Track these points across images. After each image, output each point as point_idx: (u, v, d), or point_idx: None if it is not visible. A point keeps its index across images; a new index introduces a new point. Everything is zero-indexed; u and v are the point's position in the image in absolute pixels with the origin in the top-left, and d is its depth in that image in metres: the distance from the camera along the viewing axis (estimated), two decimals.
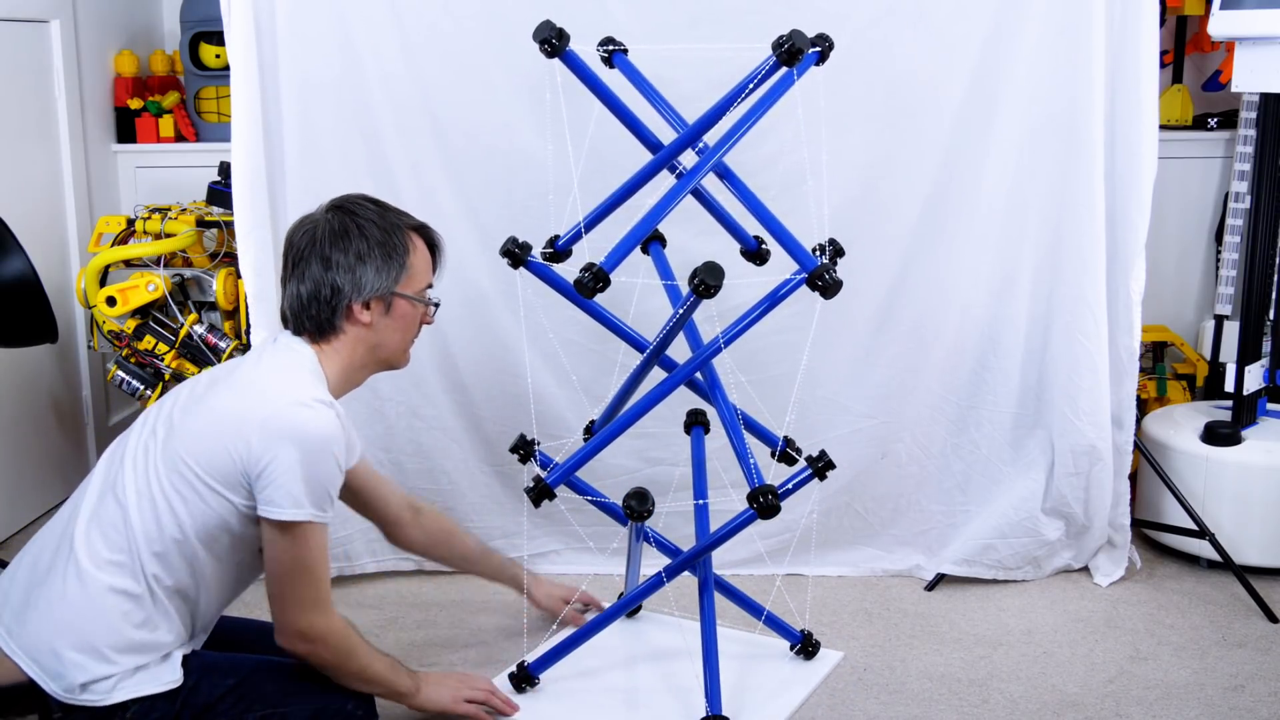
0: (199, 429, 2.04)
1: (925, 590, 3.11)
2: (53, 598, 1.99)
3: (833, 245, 2.32)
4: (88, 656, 1.96)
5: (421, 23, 2.95)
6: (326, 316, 2.14)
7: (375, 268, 2.13)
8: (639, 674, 2.63)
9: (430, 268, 2.26)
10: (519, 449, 2.65)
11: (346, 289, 2.12)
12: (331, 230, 2.13)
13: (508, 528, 3.20)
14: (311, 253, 2.13)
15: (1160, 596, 3.06)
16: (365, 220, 2.15)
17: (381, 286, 2.14)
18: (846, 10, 2.89)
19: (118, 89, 3.93)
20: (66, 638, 1.96)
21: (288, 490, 2.00)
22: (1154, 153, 2.92)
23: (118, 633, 1.98)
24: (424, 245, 2.24)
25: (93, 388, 3.81)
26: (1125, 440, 3.08)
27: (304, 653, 2.11)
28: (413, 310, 2.21)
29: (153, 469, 2.03)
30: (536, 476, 2.49)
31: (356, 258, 2.12)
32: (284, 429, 2.00)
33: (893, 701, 2.57)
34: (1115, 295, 3.01)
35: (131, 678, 1.99)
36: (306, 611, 2.09)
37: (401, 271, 2.16)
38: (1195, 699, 2.57)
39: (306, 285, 2.13)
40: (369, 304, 2.14)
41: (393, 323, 2.18)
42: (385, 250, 2.14)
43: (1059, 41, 2.90)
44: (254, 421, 2.00)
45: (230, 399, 2.06)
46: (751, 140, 2.86)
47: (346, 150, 3.00)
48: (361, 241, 2.13)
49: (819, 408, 3.07)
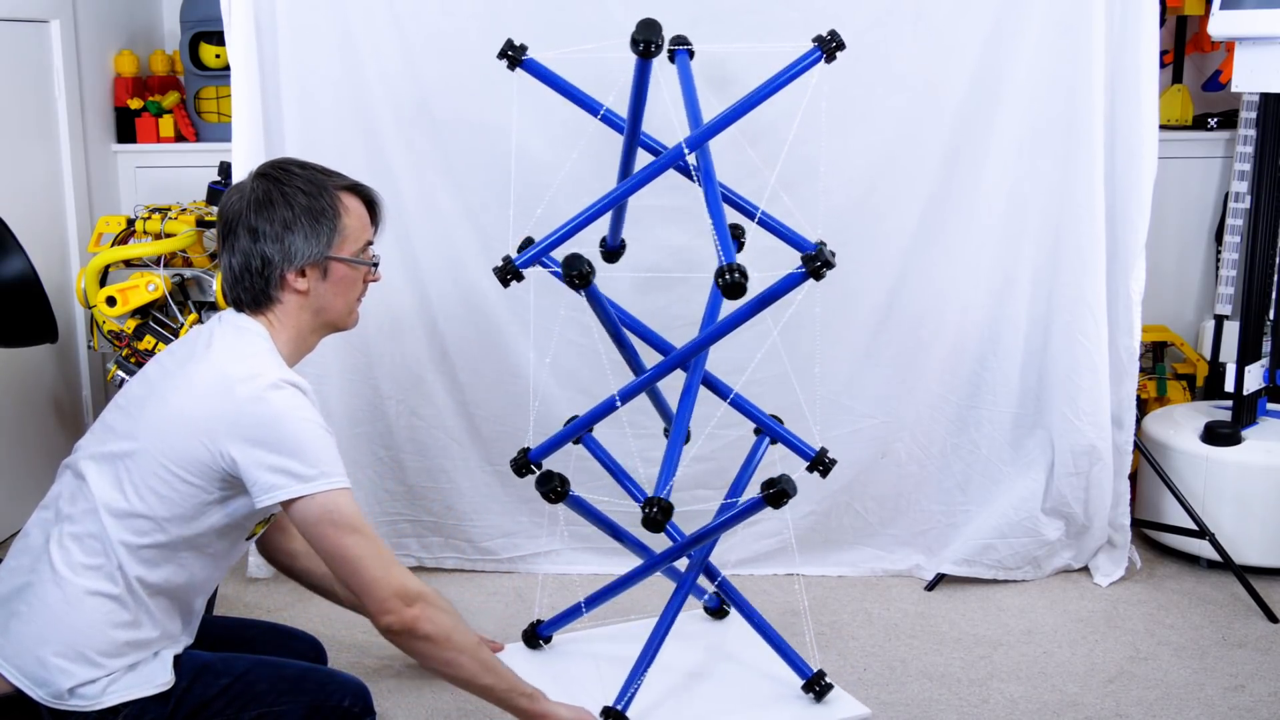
0: (166, 426, 1.97)
1: (925, 590, 3.11)
2: (34, 607, 1.95)
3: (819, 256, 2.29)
4: (73, 661, 1.92)
5: (421, 23, 2.95)
6: (261, 288, 2.06)
7: (304, 234, 2.05)
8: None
9: (368, 225, 2.16)
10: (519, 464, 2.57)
11: (276, 259, 2.04)
12: (256, 199, 2.06)
13: (508, 527, 3.20)
14: (239, 224, 2.05)
15: (1160, 596, 3.06)
16: (290, 186, 2.06)
17: (313, 253, 2.06)
18: (846, 11, 2.88)
19: (118, 89, 3.93)
20: (51, 645, 1.92)
21: (286, 471, 1.94)
22: (1154, 153, 2.93)
23: (102, 635, 1.94)
24: (359, 204, 2.15)
25: (93, 388, 3.80)
26: (1125, 440, 3.08)
27: (411, 619, 1.98)
28: (352, 272, 2.13)
29: (121, 468, 1.97)
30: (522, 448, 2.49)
31: (283, 225, 2.04)
32: (258, 424, 1.93)
33: (893, 701, 2.57)
34: (1115, 295, 3.02)
35: (123, 679, 1.96)
36: (389, 566, 1.98)
37: (333, 235, 2.07)
38: (1195, 699, 2.57)
39: (237, 258, 2.06)
40: (304, 271, 2.07)
41: (332, 287, 2.11)
42: (312, 215, 2.06)
43: (1059, 41, 2.90)
44: (225, 422, 1.93)
45: (193, 395, 1.98)
46: (750, 140, 2.88)
47: (346, 150, 3.00)
48: (286, 209, 2.05)
49: (820, 407, 3.07)
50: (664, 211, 2.75)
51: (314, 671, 2.18)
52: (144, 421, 1.99)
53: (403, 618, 1.98)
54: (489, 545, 3.21)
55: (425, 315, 3.10)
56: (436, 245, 3.07)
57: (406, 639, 2.02)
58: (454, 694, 2.60)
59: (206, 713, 2.02)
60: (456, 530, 3.20)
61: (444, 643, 2.03)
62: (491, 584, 3.15)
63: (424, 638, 2.01)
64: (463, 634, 2.06)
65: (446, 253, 3.07)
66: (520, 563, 3.22)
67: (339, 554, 1.97)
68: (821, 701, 2.50)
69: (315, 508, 1.96)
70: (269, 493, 1.95)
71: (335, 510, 1.95)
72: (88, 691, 1.93)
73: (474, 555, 3.22)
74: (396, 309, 3.10)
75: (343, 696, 2.13)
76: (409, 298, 3.09)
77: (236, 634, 2.32)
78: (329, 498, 1.96)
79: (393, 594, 1.97)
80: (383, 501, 3.19)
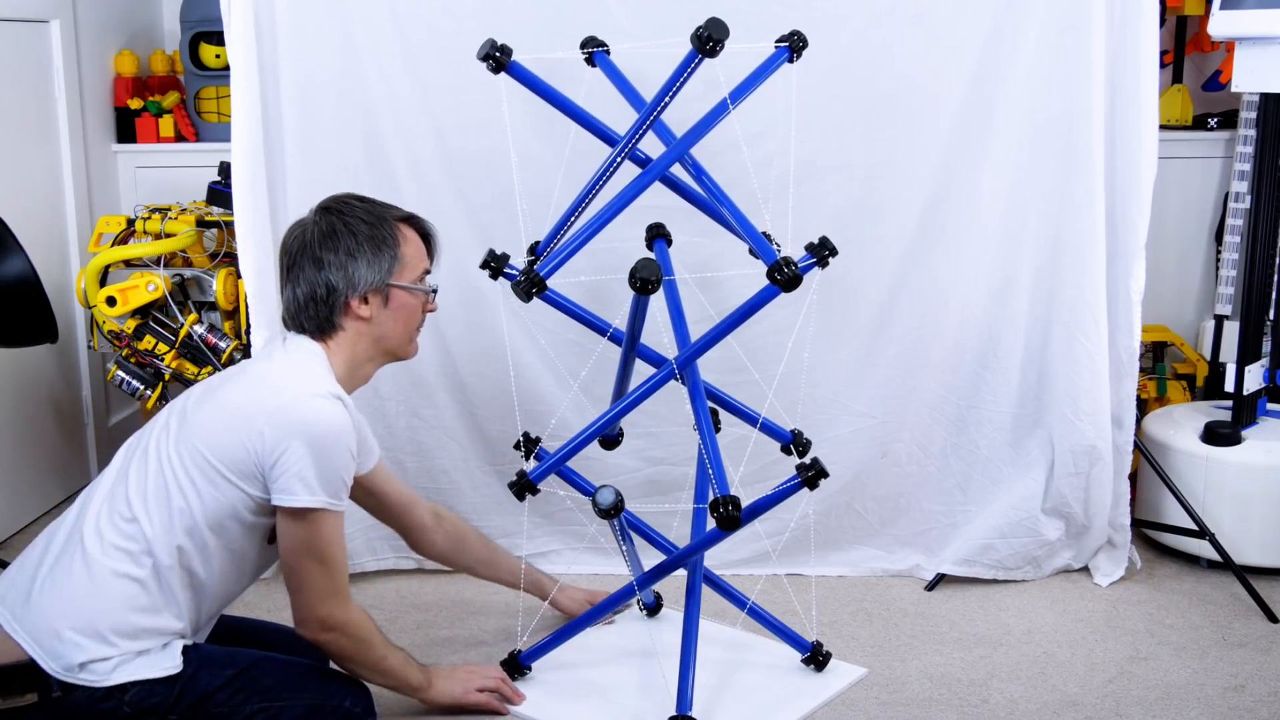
0: (212, 420, 2.09)
1: (925, 590, 3.11)
2: (59, 581, 2.03)
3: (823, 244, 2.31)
4: (88, 638, 1.99)
5: (421, 23, 2.95)
6: (325, 315, 2.18)
7: (367, 262, 2.17)
8: (642, 670, 2.62)
9: (424, 255, 2.29)
10: (523, 445, 2.65)
11: (341, 286, 2.16)
12: (321, 232, 2.19)
13: (508, 527, 3.20)
14: (303, 256, 2.18)
15: (1160, 596, 3.06)
16: (352, 217, 2.19)
17: (375, 279, 2.18)
18: (846, 11, 2.89)
19: (118, 89, 3.93)
20: (69, 618, 2.00)
21: (301, 477, 2.04)
22: (1154, 153, 2.92)
23: (121, 617, 2.01)
24: (415, 235, 2.28)
25: (93, 388, 3.81)
26: (1125, 440, 3.08)
27: (324, 641, 2.17)
28: (411, 299, 2.25)
29: (165, 459, 2.08)
30: (520, 471, 2.50)
31: (347, 254, 2.17)
32: (295, 419, 2.05)
33: (893, 701, 2.57)
34: (1115, 295, 3.01)
35: (132, 661, 2.02)
36: (325, 600, 2.13)
37: (394, 262, 2.20)
38: (1195, 699, 2.57)
39: (302, 288, 2.18)
40: (366, 298, 2.18)
41: (392, 314, 2.22)
42: (375, 244, 2.19)
43: (1059, 42, 2.90)
44: (265, 413, 2.05)
45: (243, 391, 2.12)
46: (750, 140, 2.88)
47: (346, 150, 3.01)
48: (350, 238, 2.17)
49: (819, 408, 3.07)
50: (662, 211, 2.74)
51: (318, 670, 2.22)
52: (196, 417, 2.11)
53: (316, 638, 2.18)
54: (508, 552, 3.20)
55: None
56: None
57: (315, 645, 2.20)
58: None
59: (211, 702, 2.07)
60: None
61: (341, 660, 2.23)
62: (492, 585, 3.14)
63: (328, 653, 2.23)
64: (362, 656, 2.22)
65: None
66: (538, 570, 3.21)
67: (297, 572, 2.12)
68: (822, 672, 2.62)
69: (304, 527, 2.08)
70: (281, 494, 2.06)
71: (318, 538, 2.09)
72: (98, 668, 1.99)
73: None
74: None
75: (344, 696, 2.17)
76: None
77: (242, 633, 2.35)
78: (322, 521, 2.09)
79: (315, 620, 2.15)
80: None
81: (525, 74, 2.42)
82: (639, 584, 2.53)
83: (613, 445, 2.72)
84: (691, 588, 2.54)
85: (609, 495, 2.25)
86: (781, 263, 2.15)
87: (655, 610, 2.91)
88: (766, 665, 2.67)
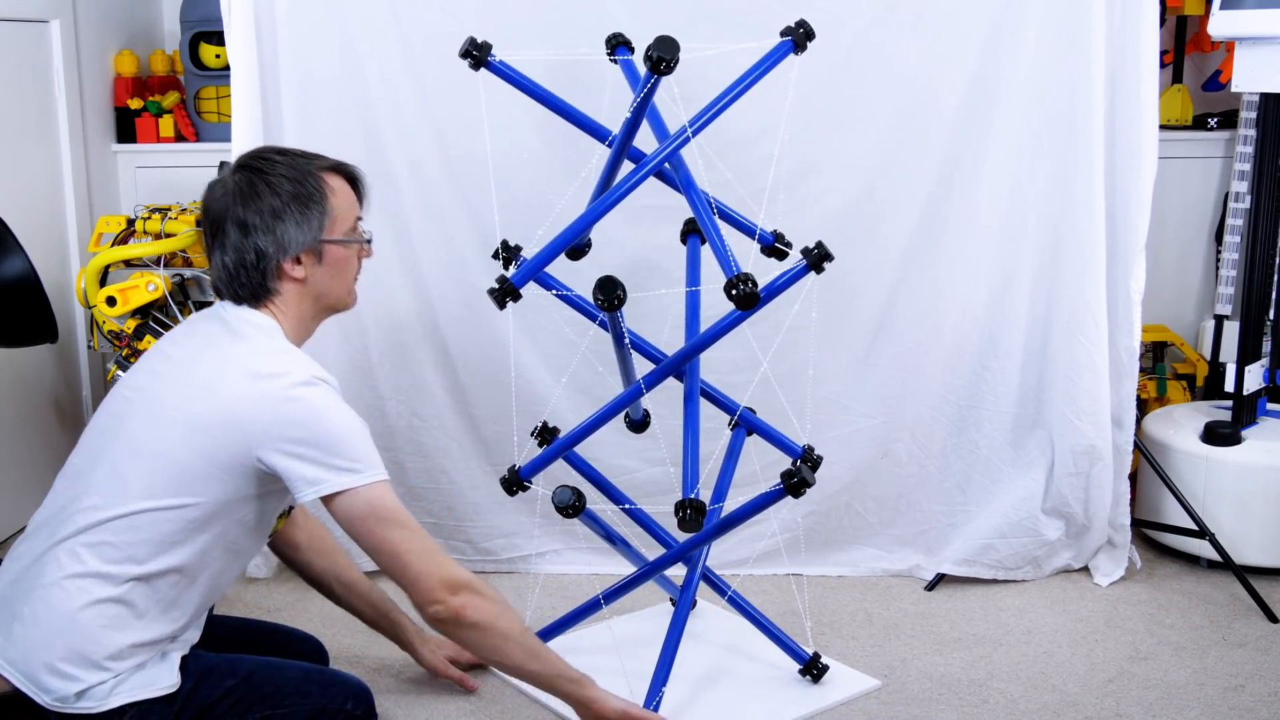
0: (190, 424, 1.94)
1: (925, 590, 3.11)
2: (37, 611, 1.93)
3: (819, 249, 2.30)
4: (80, 668, 1.91)
5: (421, 23, 2.95)
6: (259, 281, 2.04)
7: (295, 221, 2.03)
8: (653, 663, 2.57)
9: (355, 203, 2.15)
10: (539, 435, 2.66)
11: (271, 250, 2.02)
12: (241, 192, 2.02)
13: (508, 527, 3.20)
14: (226, 219, 2.02)
15: (1160, 596, 3.06)
16: (274, 175, 2.04)
17: (306, 239, 2.04)
18: (846, 11, 2.89)
19: (118, 89, 3.93)
20: (56, 651, 1.91)
21: (333, 467, 1.94)
22: (1154, 153, 2.93)
23: (108, 640, 1.93)
24: (343, 182, 2.13)
25: (93, 388, 3.80)
26: (1125, 440, 3.08)
27: (458, 607, 1.99)
28: (346, 252, 2.11)
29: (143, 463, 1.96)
30: (511, 467, 2.50)
31: (273, 215, 2.01)
32: (295, 423, 1.93)
33: (893, 701, 2.57)
34: (1115, 295, 3.02)
35: (130, 679, 1.95)
36: (435, 560, 2.00)
37: (324, 217, 2.05)
38: (1195, 699, 2.57)
39: (230, 255, 2.03)
40: (299, 258, 2.05)
41: (328, 270, 2.09)
42: (301, 201, 2.03)
43: (1059, 41, 2.90)
44: (260, 424, 1.92)
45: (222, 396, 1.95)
46: (749, 140, 2.89)
47: (346, 150, 2.98)
48: (274, 197, 2.02)
49: (819, 407, 3.07)
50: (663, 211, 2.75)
51: (318, 674, 2.18)
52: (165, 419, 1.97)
53: (450, 606, 2.00)
54: (489, 546, 3.21)
55: (425, 315, 3.10)
56: (436, 245, 3.07)
57: (453, 627, 2.03)
58: (454, 695, 2.61)
59: (211, 715, 2.02)
60: (457, 531, 3.20)
61: (489, 630, 2.04)
62: (492, 584, 3.14)
63: (470, 625, 2.03)
64: (509, 621, 2.07)
65: (446, 253, 3.07)
66: (520, 563, 3.22)
67: (384, 549, 1.98)
68: (819, 682, 2.59)
69: (360, 503, 1.97)
70: (312, 486, 1.95)
71: (379, 504, 1.97)
72: (96, 692, 1.92)
73: (474, 556, 3.22)
74: (396, 309, 3.10)
75: (345, 699, 2.14)
76: (409, 298, 3.09)
77: (240, 635, 2.33)
78: (372, 491, 1.97)
79: (439, 584, 1.99)
80: None
81: (505, 70, 2.41)
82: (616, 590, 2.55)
83: (640, 428, 2.70)
84: (686, 585, 2.54)
85: (565, 495, 2.27)
86: (737, 279, 2.10)
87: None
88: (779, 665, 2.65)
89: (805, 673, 2.61)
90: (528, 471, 2.50)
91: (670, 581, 2.68)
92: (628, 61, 2.54)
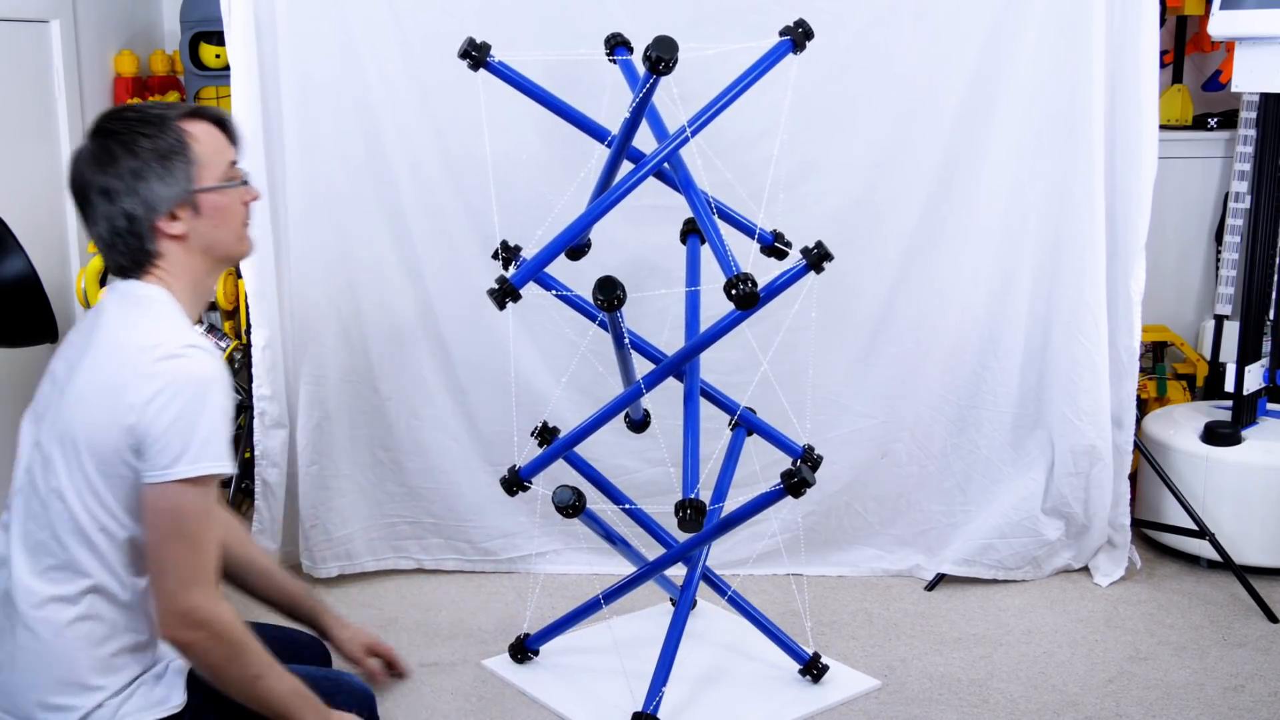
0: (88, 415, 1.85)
1: (925, 590, 3.11)
2: (13, 655, 1.87)
3: (819, 249, 2.31)
4: (73, 694, 1.86)
5: (421, 23, 2.95)
6: (136, 246, 1.92)
7: (158, 177, 1.90)
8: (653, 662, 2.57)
9: (225, 146, 2.00)
10: (539, 435, 2.66)
11: (140, 212, 1.90)
12: (96, 158, 1.90)
13: (508, 527, 3.20)
14: (89, 189, 1.90)
15: (1160, 596, 3.06)
16: (129, 133, 1.91)
17: (175, 193, 1.90)
18: (846, 11, 2.89)
19: (118, 89, 3.93)
20: (43, 687, 1.86)
21: (166, 449, 1.81)
22: (1154, 153, 2.93)
23: (89, 657, 1.87)
24: (206, 126, 1.97)
25: None
26: (1125, 440, 3.08)
27: (189, 642, 1.85)
28: (224, 199, 1.97)
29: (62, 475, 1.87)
30: (511, 467, 2.50)
31: (134, 176, 1.88)
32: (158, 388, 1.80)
33: (893, 701, 2.57)
34: (1115, 295, 3.02)
35: (134, 699, 1.91)
36: (188, 587, 1.83)
37: (190, 167, 1.91)
38: (1195, 699, 2.57)
39: (101, 225, 1.91)
40: (174, 215, 1.92)
41: (209, 220, 1.95)
42: (161, 155, 1.89)
43: (1059, 41, 2.90)
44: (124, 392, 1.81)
45: (95, 375, 1.86)
46: (749, 141, 2.88)
47: (346, 150, 3.01)
48: (131, 157, 1.89)
49: (819, 407, 3.07)
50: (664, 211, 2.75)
51: (323, 680, 2.16)
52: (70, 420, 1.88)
53: (181, 638, 1.87)
54: (489, 546, 3.21)
55: (425, 316, 3.10)
56: (436, 245, 3.07)
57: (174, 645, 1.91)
58: (454, 695, 2.61)
59: None
60: (457, 531, 3.20)
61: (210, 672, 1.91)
62: (492, 585, 3.15)
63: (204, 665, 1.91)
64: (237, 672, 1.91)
65: (446, 253, 3.07)
66: (520, 563, 3.21)
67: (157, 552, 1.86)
68: (819, 682, 2.60)
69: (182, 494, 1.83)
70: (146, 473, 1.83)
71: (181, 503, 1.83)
72: (99, 716, 1.87)
73: (474, 556, 3.22)
74: (396, 309, 3.10)
75: (350, 705, 2.13)
76: (409, 298, 3.09)
77: None
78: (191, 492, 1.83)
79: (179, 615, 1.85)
80: (382, 503, 3.18)
81: (504, 71, 2.41)
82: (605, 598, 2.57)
83: (640, 428, 2.70)
84: (686, 585, 2.54)
85: (565, 495, 2.28)
86: (737, 279, 2.10)
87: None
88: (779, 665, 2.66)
89: (805, 673, 2.61)
90: (528, 471, 2.50)
91: (670, 581, 2.68)
92: (627, 62, 2.54)
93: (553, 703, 2.54)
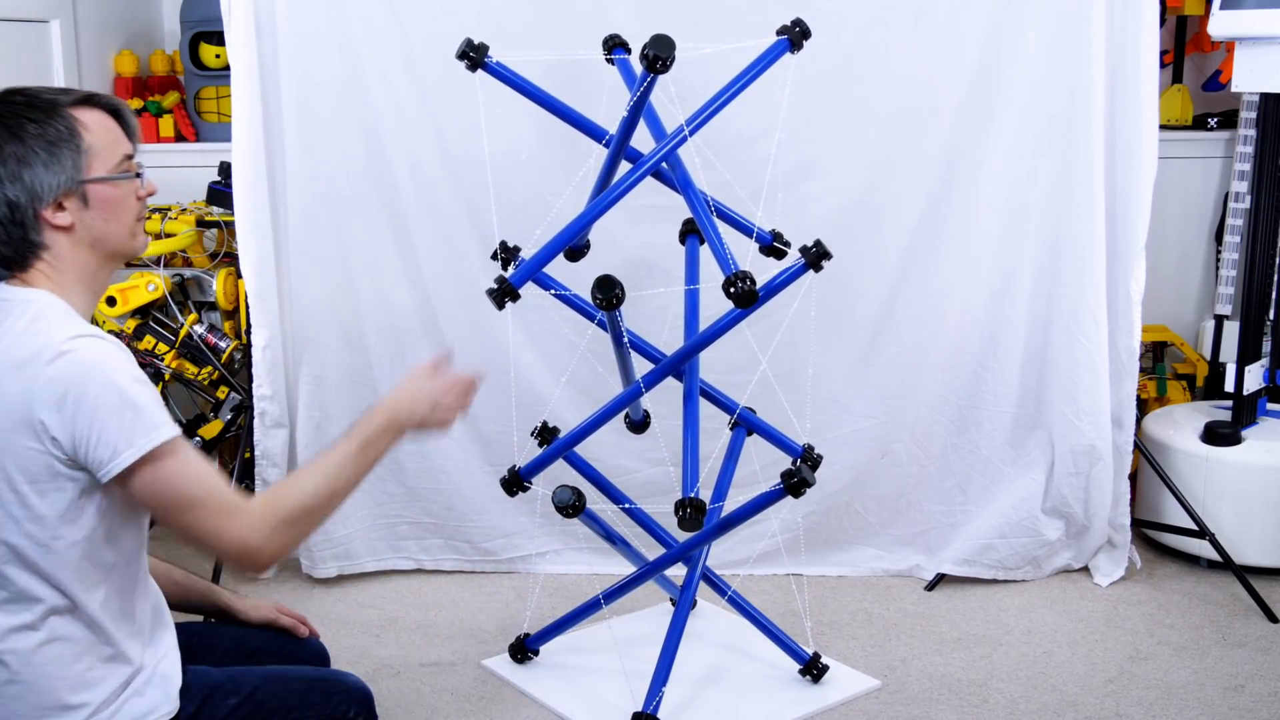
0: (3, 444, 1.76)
1: (925, 590, 3.11)
2: None
3: (817, 248, 2.30)
4: (56, 716, 1.82)
5: (421, 23, 2.95)
6: (20, 236, 1.84)
7: (44, 164, 1.83)
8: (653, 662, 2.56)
9: (119, 139, 1.93)
10: (539, 435, 2.66)
11: (23, 200, 1.83)
12: None
13: (508, 528, 3.19)
14: None
15: (1160, 596, 3.06)
16: (15, 119, 1.85)
17: (61, 182, 1.84)
18: (846, 11, 2.89)
19: (118, 89, 3.93)
20: (25, 715, 1.81)
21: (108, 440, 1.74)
22: (1154, 153, 2.93)
23: (64, 676, 1.83)
24: (100, 116, 1.90)
25: None
26: (1125, 440, 3.08)
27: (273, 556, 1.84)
28: (115, 191, 1.90)
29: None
30: (511, 467, 2.50)
31: (18, 162, 1.82)
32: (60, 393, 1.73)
33: (893, 701, 2.57)
34: (1115, 295, 3.02)
35: (125, 710, 1.87)
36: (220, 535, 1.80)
37: (79, 156, 1.85)
38: (1195, 699, 2.57)
39: None
40: (60, 204, 1.85)
41: (99, 213, 1.88)
42: (49, 142, 1.84)
43: (1059, 41, 2.90)
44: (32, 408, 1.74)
45: None
46: (748, 140, 2.88)
47: (346, 150, 3.01)
48: (16, 144, 1.83)
49: (819, 407, 3.07)
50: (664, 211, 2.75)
51: (321, 681, 2.15)
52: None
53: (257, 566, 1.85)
54: (489, 546, 3.21)
55: (425, 316, 3.10)
56: (436, 245, 3.07)
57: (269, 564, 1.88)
58: (454, 694, 2.61)
59: None
60: (457, 531, 3.20)
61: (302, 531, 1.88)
62: (492, 585, 3.15)
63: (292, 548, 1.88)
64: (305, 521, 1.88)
65: (446, 253, 3.07)
66: (520, 563, 3.21)
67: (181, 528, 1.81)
68: (819, 683, 2.60)
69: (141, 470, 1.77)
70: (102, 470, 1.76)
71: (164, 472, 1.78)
72: None
73: (474, 556, 3.22)
74: (396, 309, 3.10)
75: (348, 706, 2.12)
76: (409, 298, 3.09)
77: (242, 644, 2.29)
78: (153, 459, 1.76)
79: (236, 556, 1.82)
80: (382, 503, 3.18)
81: (501, 71, 2.41)
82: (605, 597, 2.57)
83: (640, 428, 2.71)
84: (686, 585, 2.54)
85: (565, 495, 2.30)
86: (735, 277, 2.10)
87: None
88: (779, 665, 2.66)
89: (805, 673, 2.61)
90: (528, 471, 2.50)
91: (670, 581, 2.68)
92: (625, 62, 2.54)
93: (553, 703, 2.54)
